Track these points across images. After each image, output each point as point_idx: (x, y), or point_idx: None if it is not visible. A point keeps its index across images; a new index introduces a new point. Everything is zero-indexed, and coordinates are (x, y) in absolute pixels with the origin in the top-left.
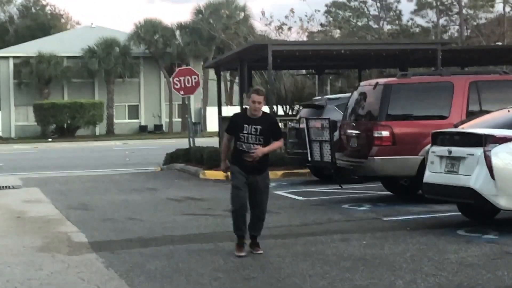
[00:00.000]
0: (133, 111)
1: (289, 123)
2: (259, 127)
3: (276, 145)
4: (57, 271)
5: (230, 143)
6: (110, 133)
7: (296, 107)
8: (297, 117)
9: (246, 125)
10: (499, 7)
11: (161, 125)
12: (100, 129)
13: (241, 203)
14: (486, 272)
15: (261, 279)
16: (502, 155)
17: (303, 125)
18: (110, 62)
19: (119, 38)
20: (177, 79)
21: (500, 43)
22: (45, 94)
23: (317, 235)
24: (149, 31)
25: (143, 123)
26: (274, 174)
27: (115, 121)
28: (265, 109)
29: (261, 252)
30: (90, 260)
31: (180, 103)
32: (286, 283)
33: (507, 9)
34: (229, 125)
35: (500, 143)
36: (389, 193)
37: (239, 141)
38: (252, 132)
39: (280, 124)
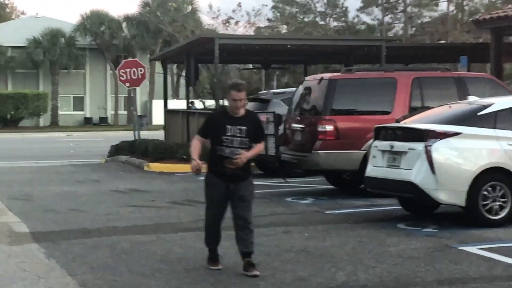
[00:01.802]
0: (78, 103)
1: None
2: (244, 127)
3: (259, 148)
4: None
5: (201, 143)
6: (54, 125)
7: None
8: None
9: (229, 126)
10: (443, 6)
11: (107, 117)
12: (44, 120)
13: (216, 219)
14: (425, 264)
15: (203, 270)
16: (442, 150)
17: None
18: (55, 53)
19: (65, 29)
20: (123, 71)
21: (443, 41)
22: None
23: (260, 227)
24: (96, 22)
25: (88, 115)
26: None
27: (60, 112)
28: (212, 103)
29: (257, 273)
30: (32, 250)
31: (126, 95)
32: (228, 274)
33: (451, 8)
34: (206, 127)
35: (441, 138)
36: (332, 187)
37: (221, 145)
38: (237, 134)
39: None
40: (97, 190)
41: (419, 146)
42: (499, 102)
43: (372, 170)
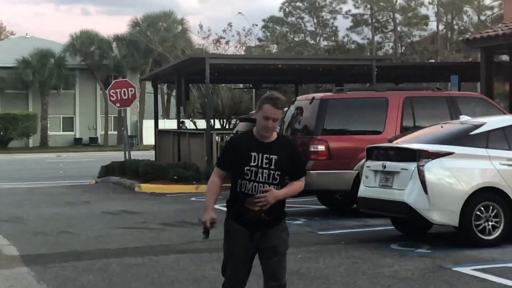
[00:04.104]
0: (68, 123)
1: (226, 137)
2: (274, 157)
3: (296, 187)
4: None
5: (222, 181)
6: (44, 146)
7: (233, 121)
8: (234, 131)
9: (254, 154)
10: (432, 25)
11: (97, 137)
12: (33, 141)
13: (238, 282)
14: (419, 285)
15: None
16: (435, 170)
17: None
18: (44, 73)
19: (55, 49)
20: (113, 91)
21: (433, 60)
22: None
23: None
24: (85, 42)
25: (78, 136)
26: None
27: (49, 133)
28: (203, 123)
29: None
30: (21, 273)
31: (116, 115)
32: None
33: (440, 27)
34: (225, 155)
35: (433, 158)
36: (324, 207)
37: (242, 179)
38: (264, 165)
39: (217, 138)
40: (87, 212)
41: (412, 166)
42: (491, 122)
43: (365, 190)
